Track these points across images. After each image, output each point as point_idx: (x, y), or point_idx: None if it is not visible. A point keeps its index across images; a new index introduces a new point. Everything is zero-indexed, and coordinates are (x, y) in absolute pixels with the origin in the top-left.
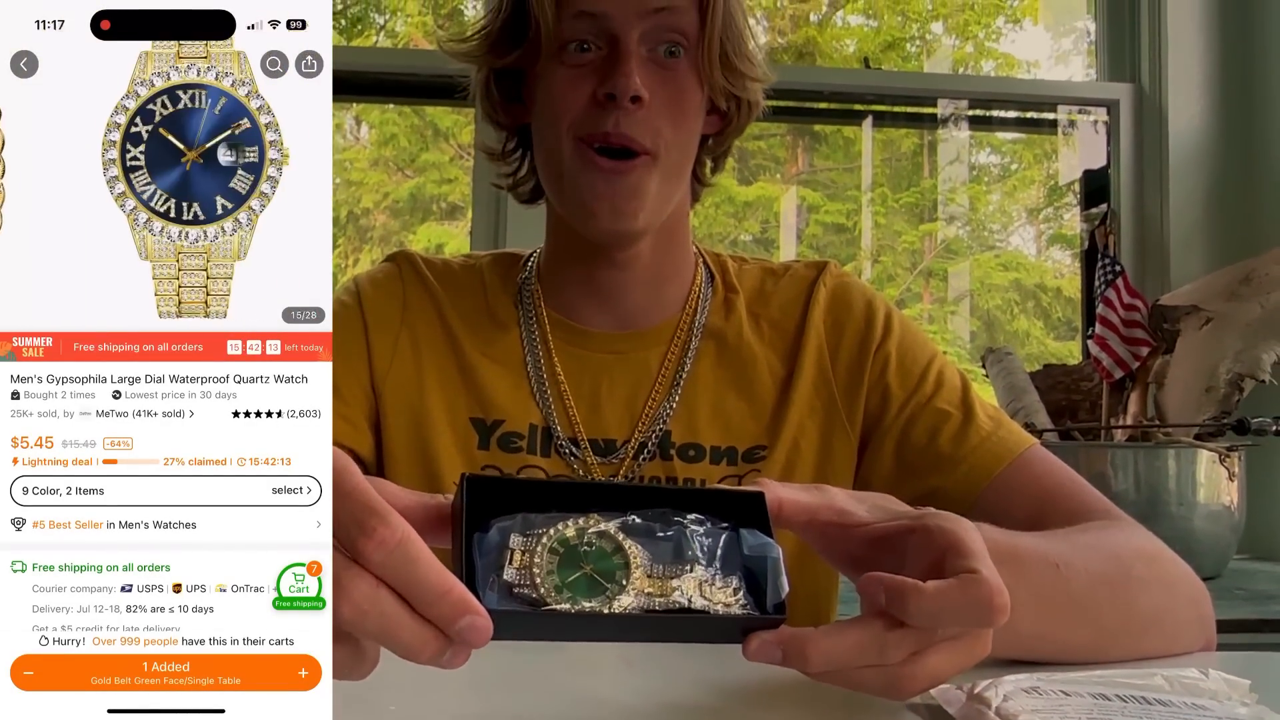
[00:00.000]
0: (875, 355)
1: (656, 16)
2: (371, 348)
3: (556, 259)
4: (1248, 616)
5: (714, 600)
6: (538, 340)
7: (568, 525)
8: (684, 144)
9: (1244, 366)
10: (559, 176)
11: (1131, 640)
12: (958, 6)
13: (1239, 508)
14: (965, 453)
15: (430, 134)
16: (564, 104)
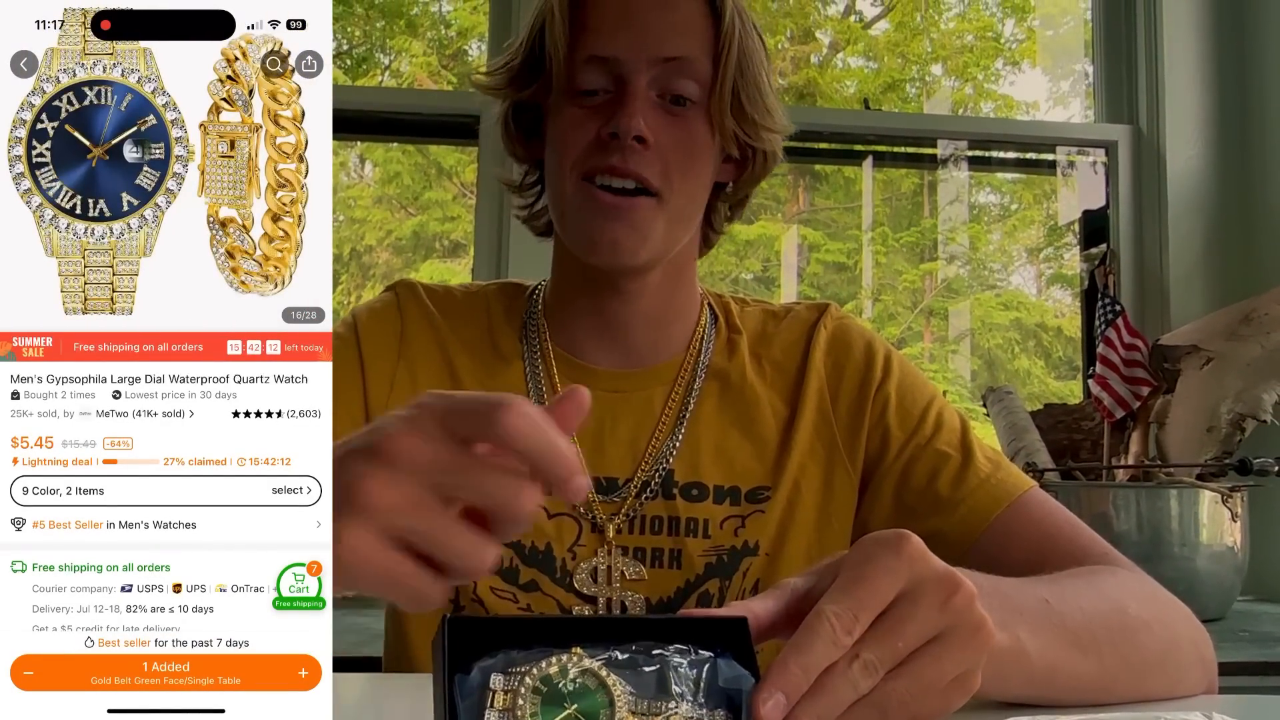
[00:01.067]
0: (875, 396)
1: (667, 65)
2: (367, 381)
3: (563, 292)
4: (1252, 659)
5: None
6: (541, 376)
7: (551, 663)
8: (692, 190)
9: (1245, 406)
10: (563, 212)
11: (1134, 679)
12: (957, 49)
13: (1242, 548)
14: (964, 495)
15: (434, 172)
16: (569, 141)
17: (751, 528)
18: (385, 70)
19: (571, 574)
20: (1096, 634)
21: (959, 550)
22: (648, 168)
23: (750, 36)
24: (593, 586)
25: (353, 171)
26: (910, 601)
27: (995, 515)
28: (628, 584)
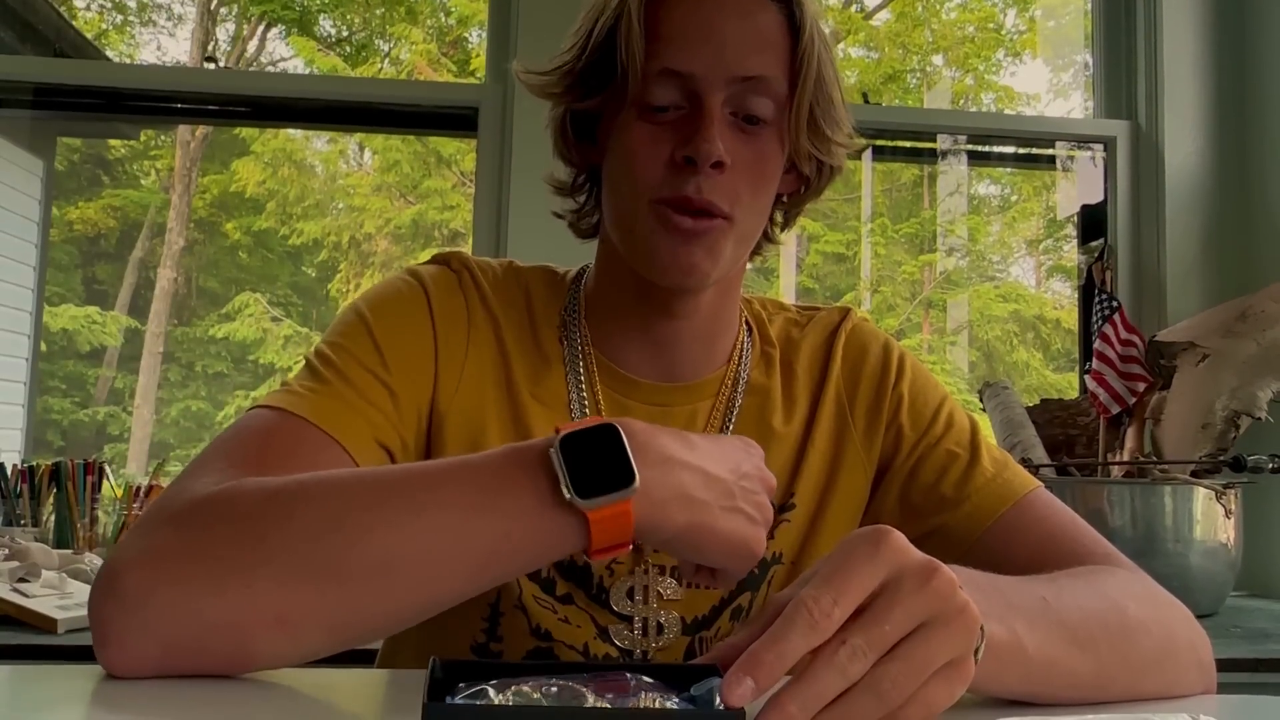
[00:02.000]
0: (891, 396)
1: (745, 84)
2: (440, 371)
3: (609, 302)
4: (1244, 655)
5: None
6: (584, 384)
7: (527, 684)
8: (761, 208)
9: (1240, 404)
10: (630, 232)
11: (1131, 678)
12: (958, 40)
13: (1236, 545)
14: (969, 493)
15: (433, 161)
16: (642, 163)
17: (779, 538)
18: (385, 58)
19: (608, 590)
20: (1094, 632)
21: (961, 548)
22: (721, 194)
23: (827, 49)
24: (629, 606)
25: (352, 160)
26: (893, 589)
27: (999, 514)
28: (664, 604)
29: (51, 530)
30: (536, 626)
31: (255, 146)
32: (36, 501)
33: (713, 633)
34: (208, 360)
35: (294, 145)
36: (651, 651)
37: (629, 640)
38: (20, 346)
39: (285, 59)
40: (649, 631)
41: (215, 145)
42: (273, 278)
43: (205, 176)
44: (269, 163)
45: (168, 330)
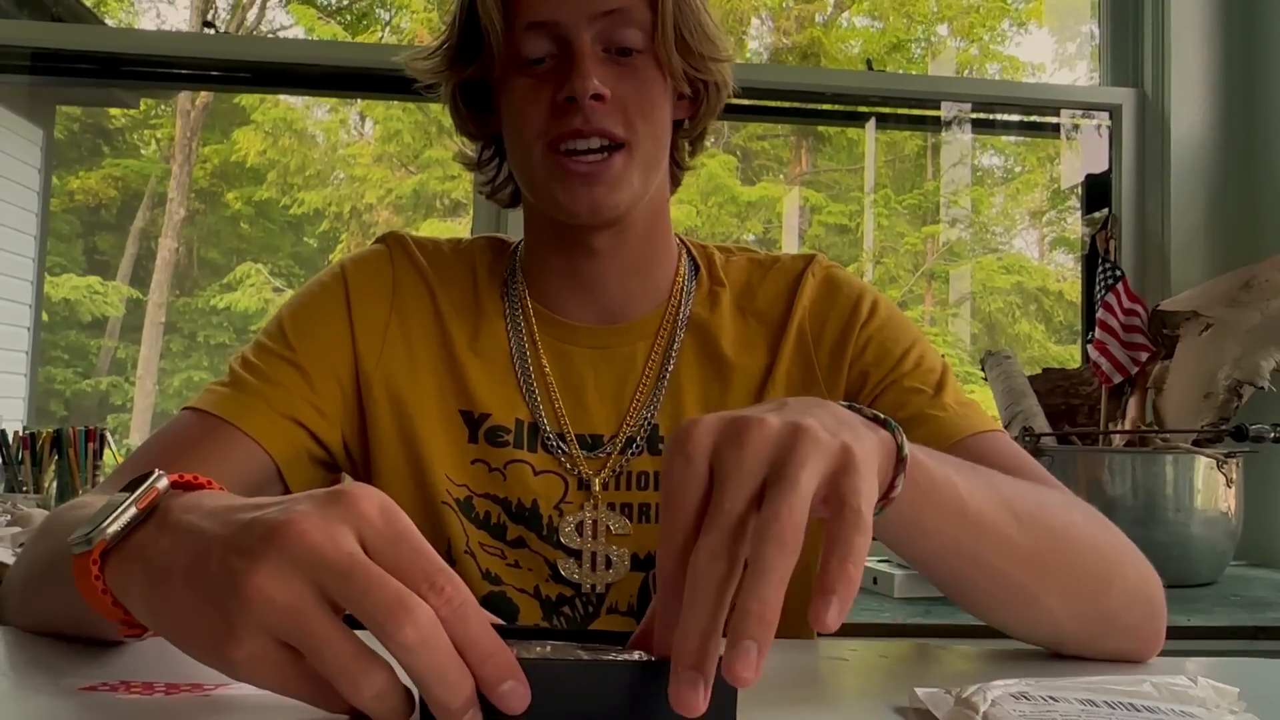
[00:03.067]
0: (857, 337)
1: (607, 19)
2: (356, 337)
3: (537, 251)
4: (1244, 623)
5: None
6: (524, 334)
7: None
8: (656, 134)
9: (1243, 373)
10: (533, 183)
11: (1070, 583)
12: (963, 9)
13: (1236, 514)
14: (925, 420)
15: (434, 131)
16: (527, 114)
17: None
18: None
19: (558, 529)
20: (1034, 517)
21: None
22: (610, 121)
23: None
24: (578, 540)
25: (353, 129)
26: (719, 471)
27: (951, 442)
28: (613, 539)
29: (53, 497)
30: (486, 571)
31: (256, 116)
32: (38, 468)
33: None
34: (209, 330)
35: (294, 114)
36: (601, 585)
37: (578, 574)
38: (22, 316)
39: (285, 27)
40: (597, 566)
41: (216, 115)
42: (274, 248)
43: (206, 146)
44: (269, 132)
45: (169, 300)
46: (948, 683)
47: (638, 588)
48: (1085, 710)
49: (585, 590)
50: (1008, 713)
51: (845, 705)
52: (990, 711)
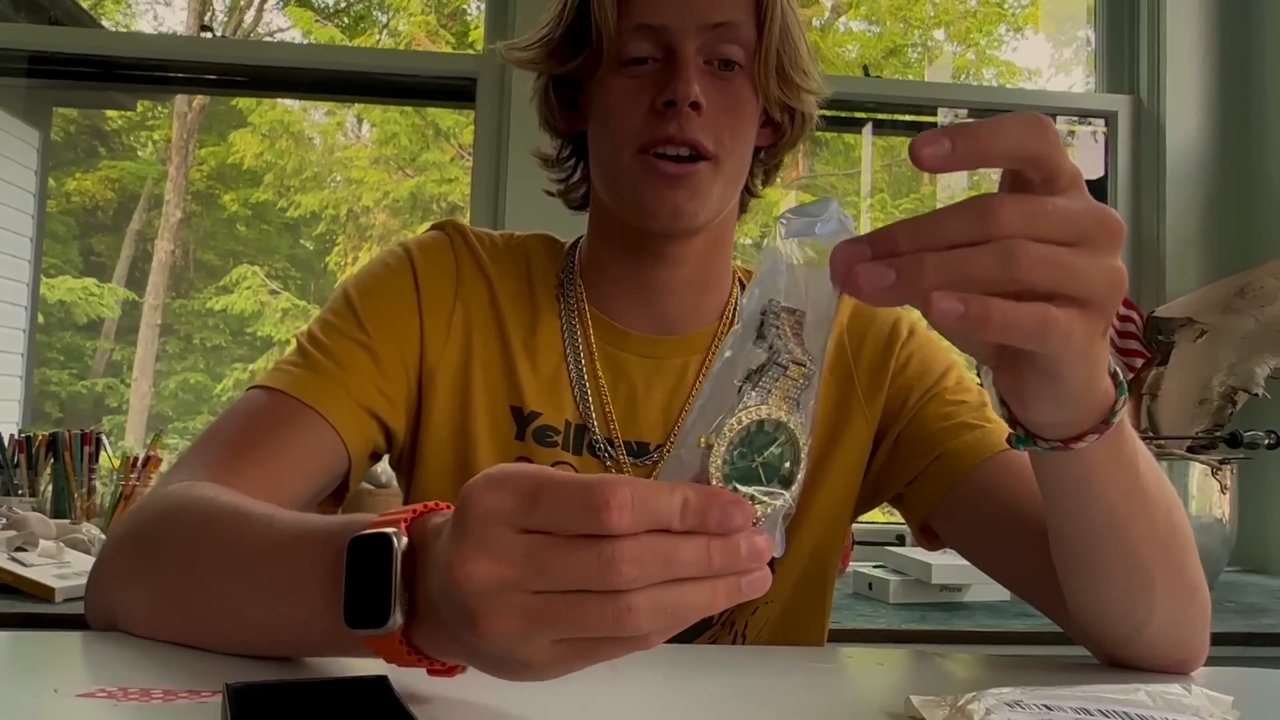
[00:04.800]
0: (899, 354)
1: (715, 31)
2: (425, 327)
3: (601, 257)
4: (1237, 629)
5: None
6: (579, 337)
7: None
8: (741, 153)
9: (1238, 379)
10: (617, 183)
11: (1177, 583)
12: (960, 14)
13: (1231, 520)
14: (970, 429)
15: (431, 134)
16: (623, 114)
17: None
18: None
19: None
20: (1172, 510)
21: (959, 473)
22: (703, 133)
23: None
24: None
25: (350, 132)
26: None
27: (999, 451)
28: None
29: (49, 500)
30: None
31: (253, 118)
32: (34, 471)
33: None
34: (206, 333)
35: (291, 117)
36: None
37: None
38: (17, 318)
39: (282, 30)
40: None
41: (212, 117)
42: (271, 250)
43: (203, 149)
44: (266, 134)
45: (165, 302)
46: (944, 690)
47: None
48: (1080, 718)
49: None
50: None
51: (841, 713)
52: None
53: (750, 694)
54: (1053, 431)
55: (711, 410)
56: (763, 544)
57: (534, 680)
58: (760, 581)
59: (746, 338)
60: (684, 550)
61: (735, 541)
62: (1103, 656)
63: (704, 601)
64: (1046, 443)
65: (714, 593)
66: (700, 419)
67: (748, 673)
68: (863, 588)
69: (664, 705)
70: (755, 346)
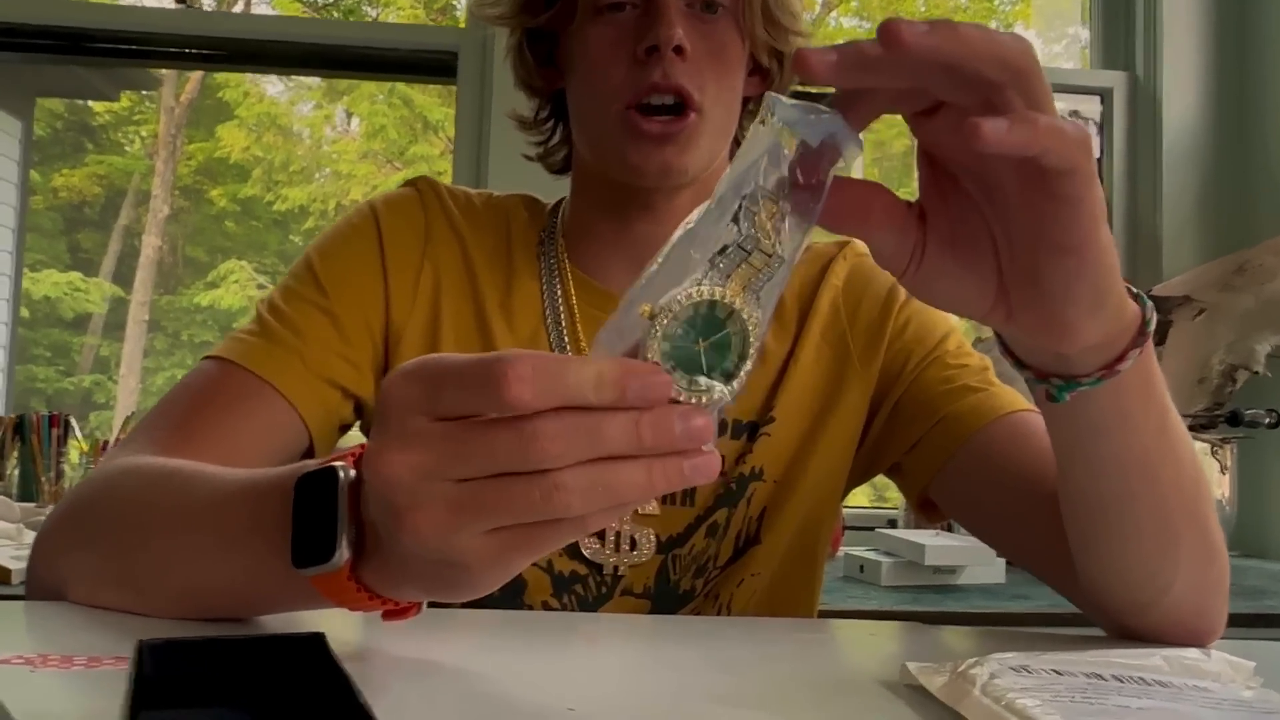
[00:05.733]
0: (896, 317)
1: None
2: (390, 286)
3: (585, 214)
4: (1238, 611)
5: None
6: (559, 298)
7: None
8: (728, 100)
9: (1237, 358)
10: (599, 141)
11: (1200, 541)
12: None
13: (1231, 502)
14: (972, 391)
15: (419, 126)
16: (603, 65)
17: (758, 453)
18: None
19: None
20: (1195, 460)
21: (962, 437)
22: (688, 79)
23: None
24: None
25: (339, 125)
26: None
27: (1001, 415)
28: (640, 519)
29: (15, 484)
30: None
31: (240, 111)
32: (1, 455)
33: (686, 550)
34: (193, 329)
35: (278, 109)
36: (623, 567)
37: (597, 553)
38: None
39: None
40: (621, 546)
41: (200, 111)
42: (259, 245)
43: (191, 143)
44: (253, 128)
45: (153, 298)
46: (942, 659)
47: (656, 570)
48: (1092, 683)
49: (606, 571)
50: (1008, 685)
51: (833, 682)
52: (990, 685)
53: (736, 664)
54: (1092, 360)
55: (662, 280)
56: (700, 424)
57: (479, 590)
58: (706, 466)
59: (718, 216)
60: (609, 425)
61: (668, 417)
62: (1114, 628)
63: (640, 480)
64: (1090, 377)
65: (650, 472)
66: (649, 286)
67: (732, 643)
68: (854, 571)
69: (644, 677)
70: (725, 225)
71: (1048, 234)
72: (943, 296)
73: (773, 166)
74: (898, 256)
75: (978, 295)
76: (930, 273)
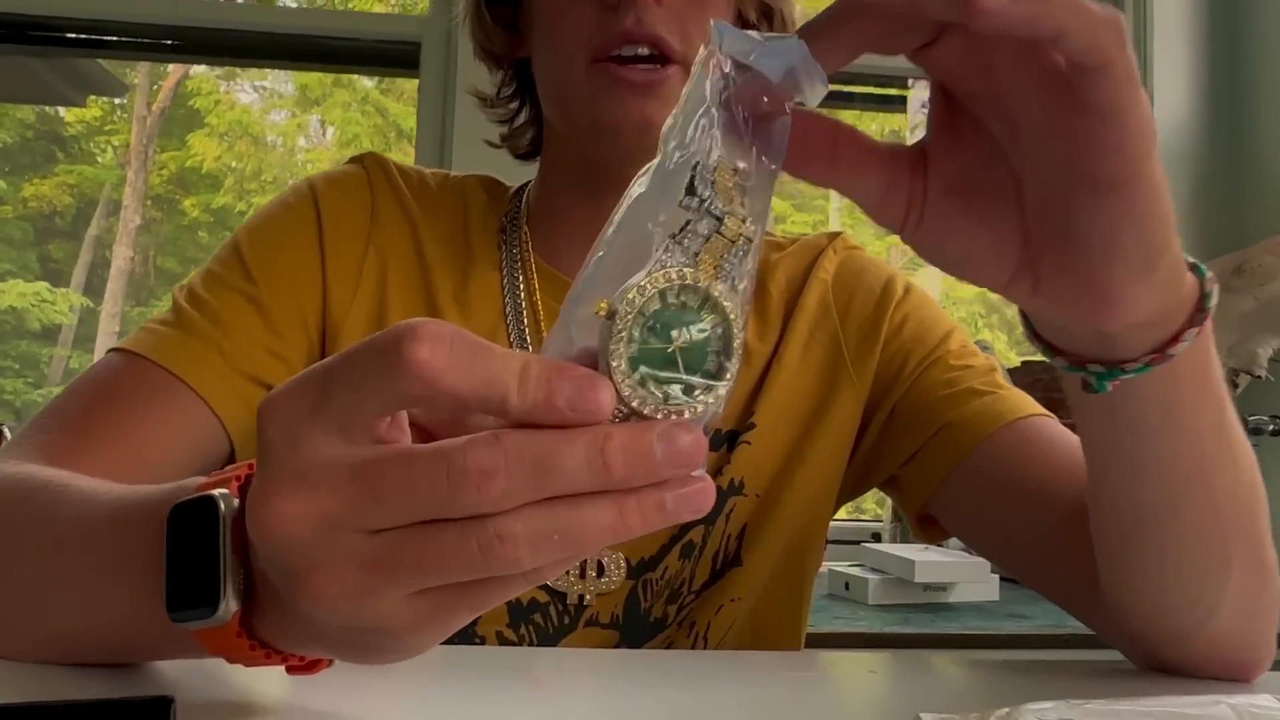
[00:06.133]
0: (892, 314)
1: None
2: (328, 273)
3: (554, 198)
4: None
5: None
6: (521, 292)
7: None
8: None
9: (1239, 361)
10: (568, 102)
11: (1253, 558)
12: None
13: None
14: (978, 395)
15: (393, 135)
16: (569, 17)
17: (736, 463)
18: None
19: None
20: (1253, 466)
21: (966, 446)
22: (665, 27)
23: None
24: None
25: (313, 135)
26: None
27: (1011, 420)
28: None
29: None
30: None
31: (210, 119)
32: None
33: (658, 574)
34: None
35: (250, 118)
36: (589, 595)
37: (563, 581)
38: None
39: None
40: (588, 572)
41: (172, 121)
42: None
43: (163, 153)
44: (224, 136)
45: (124, 310)
46: (957, 705)
47: (625, 597)
48: None
49: (570, 600)
50: None
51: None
52: None
53: (717, 710)
54: (1140, 340)
55: (613, 266)
56: (687, 443)
57: (405, 654)
58: (696, 498)
59: (669, 181)
60: (566, 452)
61: (644, 439)
62: (1146, 658)
63: (607, 522)
64: (1137, 362)
65: (621, 512)
66: (597, 278)
67: (712, 683)
68: (839, 588)
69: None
70: (680, 192)
71: (1083, 165)
72: (953, 257)
73: (723, 113)
74: (888, 207)
75: (996, 256)
76: (936, 228)
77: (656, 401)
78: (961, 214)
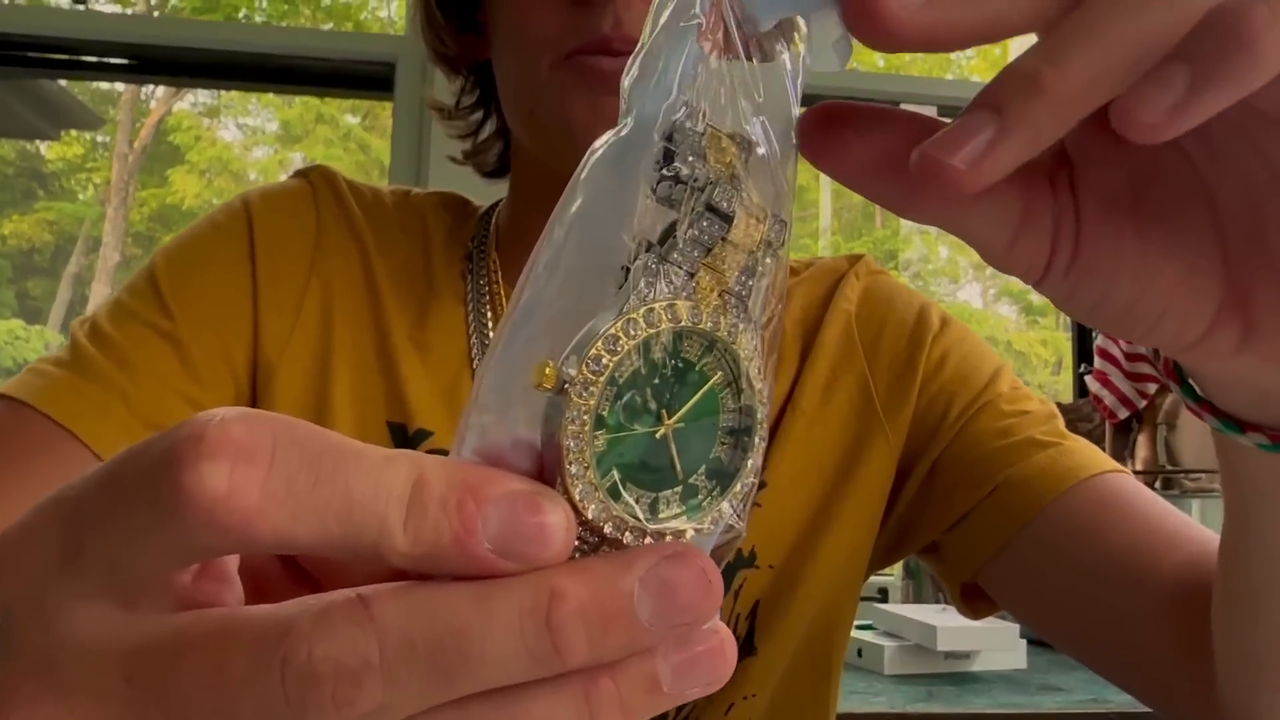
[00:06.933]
0: (930, 351)
1: None
2: (261, 306)
3: (525, 221)
4: None
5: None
6: (489, 329)
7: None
8: None
9: None
10: (535, 109)
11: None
12: None
13: None
14: (1040, 447)
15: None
16: (534, 13)
17: (748, 530)
18: None
19: None
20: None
21: (1027, 502)
22: (640, 27)
23: None
24: None
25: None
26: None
27: (1084, 478)
28: None
29: None
30: None
31: (191, 155)
32: None
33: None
34: None
35: (229, 154)
36: None
37: None
38: None
39: None
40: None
41: (154, 158)
42: None
43: (144, 190)
44: (205, 172)
45: None
46: None
47: None
48: None
49: None
50: None
51: None
52: None
53: None
54: None
55: (559, 303)
56: (689, 581)
57: None
58: (711, 661)
59: (642, 159)
60: (486, 626)
61: (617, 587)
62: None
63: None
64: None
65: (592, 705)
66: (533, 323)
67: None
68: (850, 654)
69: None
70: (657, 178)
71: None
72: (1124, 306)
73: (703, 74)
74: (1025, 241)
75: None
76: (1099, 265)
77: (638, 521)
78: (1134, 241)
